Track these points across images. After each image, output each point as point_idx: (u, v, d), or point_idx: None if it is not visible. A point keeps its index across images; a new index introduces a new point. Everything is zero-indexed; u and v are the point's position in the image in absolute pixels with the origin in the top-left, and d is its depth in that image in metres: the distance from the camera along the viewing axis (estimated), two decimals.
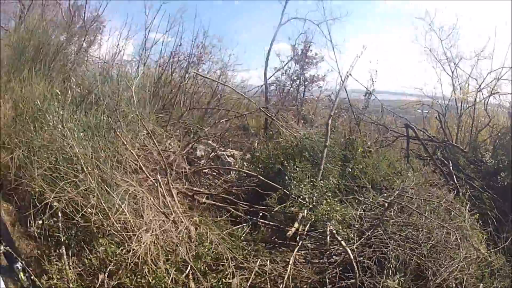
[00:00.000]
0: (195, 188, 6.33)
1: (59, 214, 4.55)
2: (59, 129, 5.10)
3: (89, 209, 4.41)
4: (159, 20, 12.90)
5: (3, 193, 5.70)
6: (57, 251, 4.38)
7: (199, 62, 12.29)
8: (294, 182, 5.66)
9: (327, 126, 6.69)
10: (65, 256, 4.33)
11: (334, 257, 4.81)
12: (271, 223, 5.59)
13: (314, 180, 5.79)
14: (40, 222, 4.51)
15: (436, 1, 13.77)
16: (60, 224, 4.51)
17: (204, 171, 7.12)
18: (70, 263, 4.28)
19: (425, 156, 9.16)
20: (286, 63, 12.79)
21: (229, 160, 7.68)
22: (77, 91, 5.65)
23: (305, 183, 5.59)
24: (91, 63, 11.74)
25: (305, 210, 5.29)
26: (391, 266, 4.43)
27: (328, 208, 5.08)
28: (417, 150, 9.77)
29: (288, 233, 5.12)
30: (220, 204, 6.00)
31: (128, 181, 5.02)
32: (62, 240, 4.45)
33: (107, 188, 4.64)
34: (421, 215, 5.10)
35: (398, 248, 4.57)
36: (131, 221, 4.41)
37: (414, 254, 4.53)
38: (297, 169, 5.93)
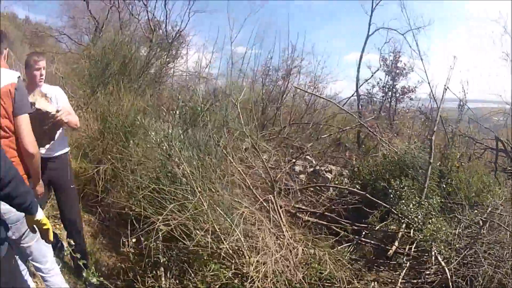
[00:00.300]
0: (297, 205, 5.99)
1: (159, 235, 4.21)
2: (164, 147, 4.75)
3: (198, 231, 4.10)
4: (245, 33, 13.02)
5: (85, 204, 5.71)
6: (154, 272, 4.14)
7: (289, 75, 11.91)
8: (402, 201, 5.35)
9: (431, 142, 6.29)
10: (163, 278, 4.10)
11: (431, 276, 4.64)
12: (372, 241, 5.38)
13: (419, 198, 5.48)
14: (134, 241, 4.18)
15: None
16: (160, 245, 4.26)
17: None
18: (168, 285, 4.05)
19: (509, 169, 8.61)
20: (373, 73, 12.26)
21: (327, 175, 7.24)
22: (186, 108, 5.51)
23: (413, 202, 5.29)
24: (191, 78, 11.84)
25: (411, 230, 5.05)
26: (478, 284, 4.22)
27: (434, 228, 4.82)
28: (501, 163, 9.22)
29: (389, 252, 4.99)
30: (323, 222, 5.70)
31: (240, 202, 4.64)
32: (162, 261, 4.19)
33: (219, 210, 4.25)
34: (507, 231, 4.81)
35: (488, 266, 4.32)
36: (245, 245, 4.06)
37: (499, 271, 4.29)
38: (405, 187, 5.56)
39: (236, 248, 4.03)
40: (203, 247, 4.00)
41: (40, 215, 2.48)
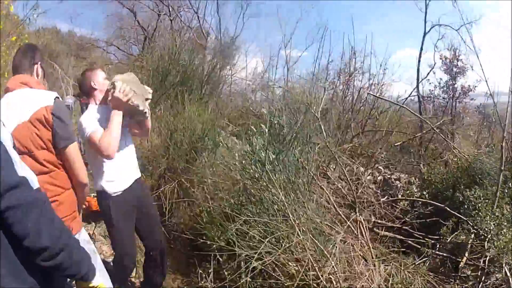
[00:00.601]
0: (375, 220, 5.59)
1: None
2: (251, 170, 4.22)
3: (290, 263, 3.65)
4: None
5: None
6: None
7: (351, 78, 11.11)
8: (478, 211, 4.96)
9: (501, 148, 5.53)
10: None
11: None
12: (444, 254, 4.96)
13: (491, 208, 5.05)
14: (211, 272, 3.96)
15: None
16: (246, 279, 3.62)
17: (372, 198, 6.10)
18: None
19: None
20: (431, 70, 11.19)
21: (396, 184, 6.60)
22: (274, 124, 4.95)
23: (489, 213, 4.92)
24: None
25: (486, 241, 4.64)
26: None
27: (507, 239, 4.48)
28: None
29: (460, 265, 4.67)
30: (401, 237, 5.33)
31: (331, 226, 4.19)
32: None
33: (312, 237, 3.73)
34: None
35: None
36: (340, 274, 3.61)
37: None
38: (481, 197, 5.21)
39: (330, 277, 3.60)
40: (297, 280, 3.54)
41: (98, 280, 1.92)
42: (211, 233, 4.08)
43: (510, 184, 5.81)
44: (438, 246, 5.11)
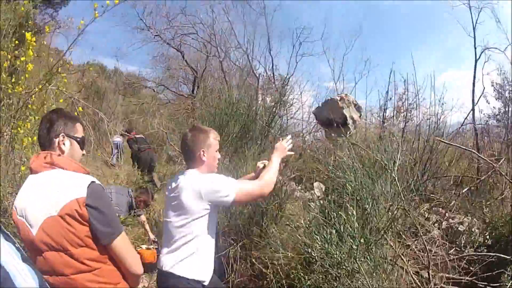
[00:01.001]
0: (446, 275, 5.10)
1: None
2: (334, 254, 3.75)
3: None
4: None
5: None
6: None
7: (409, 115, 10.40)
8: None
9: None
10: None
11: None
12: None
13: None
14: None
15: None
16: None
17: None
18: None
19: None
20: (479, 98, 10.90)
21: (459, 229, 6.29)
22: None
23: None
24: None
25: None
26: None
27: None
28: None
29: None
30: None
31: None
32: None
33: None
34: None
35: None
36: None
37: None
38: None
39: None
40: None
41: None
42: None
43: None
44: None
